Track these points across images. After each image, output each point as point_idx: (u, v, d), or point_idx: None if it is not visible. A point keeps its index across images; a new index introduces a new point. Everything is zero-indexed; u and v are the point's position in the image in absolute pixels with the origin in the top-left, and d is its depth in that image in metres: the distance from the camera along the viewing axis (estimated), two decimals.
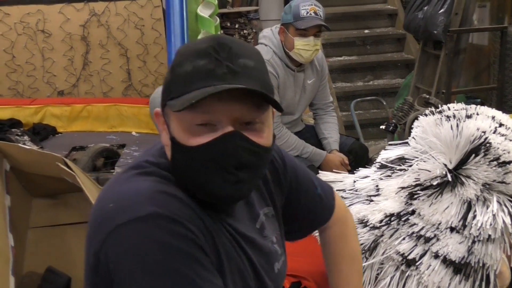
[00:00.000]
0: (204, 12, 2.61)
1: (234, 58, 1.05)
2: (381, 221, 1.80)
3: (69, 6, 5.51)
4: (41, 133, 4.75)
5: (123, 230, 1.03)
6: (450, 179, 1.72)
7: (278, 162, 1.34)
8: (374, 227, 1.81)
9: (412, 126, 1.97)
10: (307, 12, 2.88)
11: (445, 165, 1.74)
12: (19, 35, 5.50)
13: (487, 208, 1.71)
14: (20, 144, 2.70)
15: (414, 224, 1.76)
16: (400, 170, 1.87)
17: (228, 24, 6.15)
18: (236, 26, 6.17)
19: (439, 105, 1.98)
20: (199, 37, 2.55)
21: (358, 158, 3.21)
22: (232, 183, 1.07)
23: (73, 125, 5.02)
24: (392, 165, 1.92)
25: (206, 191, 1.09)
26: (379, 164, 1.99)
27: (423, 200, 1.75)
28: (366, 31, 6.05)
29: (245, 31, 6.15)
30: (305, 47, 2.90)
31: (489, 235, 1.68)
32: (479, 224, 1.68)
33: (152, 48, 5.57)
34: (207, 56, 1.04)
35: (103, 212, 1.08)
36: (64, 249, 2.61)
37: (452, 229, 1.72)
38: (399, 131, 3.82)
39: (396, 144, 2.02)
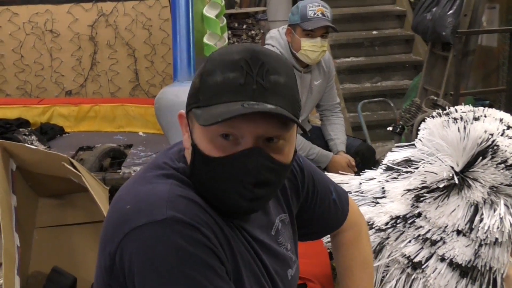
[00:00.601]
0: (210, 12, 2.60)
1: (265, 74, 1.03)
2: (387, 224, 1.79)
3: (77, 6, 5.53)
4: (49, 132, 4.76)
5: (139, 232, 1.03)
6: (457, 181, 1.70)
7: (296, 169, 1.33)
8: (379, 230, 1.80)
9: (419, 128, 1.96)
10: (314, 13, 2.87)
11: (452, 168, 1.73)
12: (27, 35, 5.53)
13: (494, 211, 1.69)
14: (26, 144, 2.71)
15: (420, 226, 1.74)
16: (407, 172, 1.86)
17: (236, 25, 6.14)
18: (244, 26, 6.16)
19: (447, 107, 1.96)
20: (205, 38, 2.54)
21: (365, 160, 3.19)
22: (248, 200, 1.07)
23: (80, 125, 5.03)
24: (398, 167, 1.91)
25: (221, 202, 1.09)
26: (385, 166, 1.98)
27: (429, 202, 1.74)
28: (374, 32, 6.03)
29: (252, 32, 6.14)
30: (312, 48, 2.89)
31: (496, 239, 1.66)
32: (486, 227, 1.66)
33: (159, 49, 5.58)
34: (239, 69, 1.03)
35: (120, 214, 1.08)
36: (70, 249, 2.62)
37: (458, 232, 1.71)
38: (407, 133, 3.80)
39: (403, 146, 2.01)
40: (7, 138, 4.14)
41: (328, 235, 1.53)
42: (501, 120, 1.79)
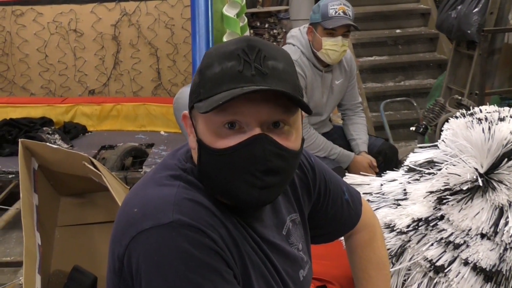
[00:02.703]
0: (229, 11, 2.58)
1: (263, 60, 1.03)
2: (408, 226, 1.76)
3: (100, 6, 5.57)
4: (72, 131, 4.81)
5: (146, 236, 1.03)
6: (481, 184, 1.67)
7: (306, 167, 1.33)
8: (401, 232, 1.77)
9: (443, 128, 1.92)
10: (336, 12, 2.84)
11: (476, 169, 1.69)
12: (51, 35, 5.59)
13: None
14: (48, 143, 2.73)
15: (443, 229, 1.71)
16: (429, 173, 1.83)
17: (258, 24, 6.13)
18: (266, 25, 6.14)
19: (471, 107, 1.92)
20: (225, 37, 2.53)
21: (387, 160, 3.16)
22: (258, 188, 1.06)
23: (103, 124, 5.07)
24: (420, 169, 1.88)
25: (232, 195, 1.08)
26: (407, 167, 1.94)
27: (452, 205, 1.70)
28: (398, 30, 5.97)
29: (275, 31, 6.12)
30: (333, 48, 2.86)
31: None
32: (511, 231, 1.62)
33: (181, 48, 5.59)
34: (236, 58, 1.03)
35: (128, 217, 1.08)
36: (91, 248, 2.63)
37: (482, 236, 1.67)
38: (430, 132, 3.74)
39: (425, 147, 1.98)
40: (31, 137, 4.19)
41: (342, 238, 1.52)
42: None
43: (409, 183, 1.88)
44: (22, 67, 5.64)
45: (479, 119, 1.77)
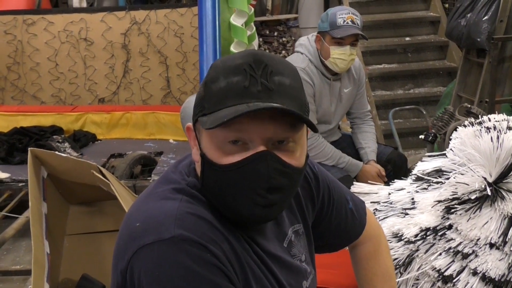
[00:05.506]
0: (237, 21, 2.58)
1: (269, 75, 1.02)
2: (416, 236, 1.75)
3: (110, 15, 5.60)
4: (81, 140, 4.82)
5: (147, 251, 1.03)
6: (489, 193, 1.66)
7: (310, 176, 1.31)
8: (409, 242, 1.76)
9: (451, 136, 1.92)
10: (344, 21, 2.83)
11: (485, 179, 1.68)
12: (62, 43, 5.62)
13: None
14: (57, 152, 2.74)
15: (451, 239, 1.70)
16: (437, 183, 1.82)
17: (267, 32, 6.15)
18: (275, 34, 6.16)
19: (480, 115, 1.91)
20: (232, 46, 2.53)
21: (396, 168, 3.15)
22: (262, 206, 1.05)
23: (112, 132, 5.08)
24: (428, 178, 1.87)
25: (234, 211, 1.07)
26: (415, 176, 1.94)
27: (460, 214, 1.69)
28: (407, 38, 5.96)
29: (284, 39, 6.13)
30: (341, 56, 2.86)
31: None
32: None
33: (191, 56, 5.60)
34: (242, 73, 1.02)
35: (130, 231, 1.08)
36: (99, 257, 2.64)
37: (491, 245, 1.66)
38: (439, 141, 3.73)
39: (434, 156, 1.97)
40: (41, 145, 4.21)
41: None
42: None
43: (417, 192, 1.88)
44: (33, 76, 5.67)
45: (488, 128, 1.76)
